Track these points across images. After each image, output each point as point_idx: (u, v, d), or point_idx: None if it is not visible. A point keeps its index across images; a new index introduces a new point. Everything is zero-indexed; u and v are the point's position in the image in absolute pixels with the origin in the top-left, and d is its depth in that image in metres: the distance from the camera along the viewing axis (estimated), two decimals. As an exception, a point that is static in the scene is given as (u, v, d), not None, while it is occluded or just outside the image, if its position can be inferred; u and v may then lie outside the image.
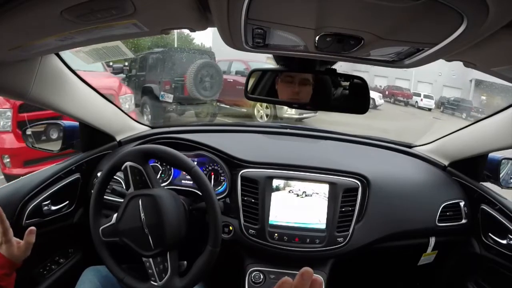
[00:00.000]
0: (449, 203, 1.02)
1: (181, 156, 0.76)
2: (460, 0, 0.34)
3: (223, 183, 0.99)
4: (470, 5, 0.34)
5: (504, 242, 0.95)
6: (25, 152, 2.31)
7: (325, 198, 0.94)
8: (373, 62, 0.61)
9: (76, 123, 1.07)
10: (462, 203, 1.03)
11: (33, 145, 1.08)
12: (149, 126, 1.29)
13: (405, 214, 0.99)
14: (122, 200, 0.76)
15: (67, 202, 1.01)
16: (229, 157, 1.00)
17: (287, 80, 0.83)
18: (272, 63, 0.87)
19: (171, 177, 1.02)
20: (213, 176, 1.00)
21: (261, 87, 0.87)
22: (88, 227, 0.79)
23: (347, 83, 0.80)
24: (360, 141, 1.25)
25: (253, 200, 0.93)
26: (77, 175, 1.03)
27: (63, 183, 0.98)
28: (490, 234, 1.00)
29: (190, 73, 5.04)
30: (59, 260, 1.05)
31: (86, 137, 1.09)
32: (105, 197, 0.83)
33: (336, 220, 0.92)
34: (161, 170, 1.03)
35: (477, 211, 1.04)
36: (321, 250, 0.91)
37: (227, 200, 0.98)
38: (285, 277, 0.37)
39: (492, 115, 0.98)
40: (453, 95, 11.86)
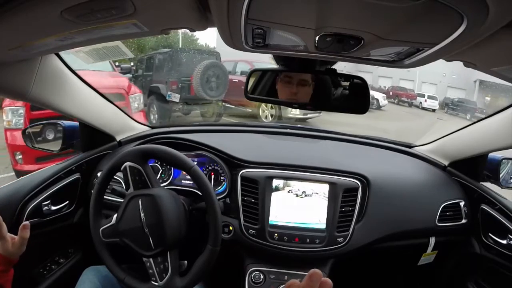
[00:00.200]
0: (449, 203, 1.02)
1: (180, 156, 0.76)
2: (460, 0, 0.34)
3: (223, 183, 0.99)
4: (470, 5, 0.34)
5: (504, 242, 0.95)
6: (37, 149, 2.33)
7: (325, 198, 0.94)
8: (373, 62, 0.61)
9: (76, 123, 1.07)
10: (462, 203, 1.03)
11: (33, 145, 1.08)
12: (149, 126, 1.29)
13: (405, 214, 0.99)
14: (122, 200, 0.76)
15: (67, 202, 1.01)
16: (229, 157, 1.00)
17: (286, 80, 0.83)
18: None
19: (171, 177, 1.02)
20: (213, 176, 1.00)
21: (261, 87, 0.87)
22: (88, 227, 0.79)
23: (347, 83, 0.80)
24: (360, 141, 1.25)
25: (253, 200, 0.93)
26: (77, 175, 1.03)
27: (63, 183, 0.98)
28: (490, 234, 1.00)
29: (197, 74, 5.10)
30: (59, 260, 1.05)
31: (86, 137, 1.09)
32: (105, 197, 0.83)
33: (336, 220, 0.92)
34: (161, 170, 1.03)
35: (477, 211, 1.04)
36: (321, 250, 0.91)
37: (227, 200, 0.98)
38: (293, 279, 0.36)
39: (492, 115, 0.98)
40: (457, 96, 11.81)
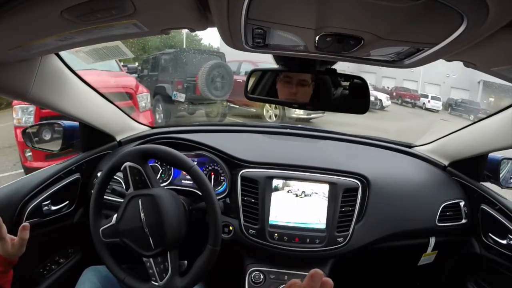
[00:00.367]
0: (449, 203, 1.02)
1: (180, 156, 0.76)
2: (460, 0, 0.34)
3: (223, 183, 0.99)
4: (470, 5, 0.34)
5: (504, 242, 0.95)
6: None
7: (325, 198, 0.94)
8: (373, 62, 0.60)
9: (76, 123, 1.07)
10: (462, 203, 1.03)
11: (33, 145, 1.07)
12: (149, 126, 1.29)
13: (405, 214, 0.99)
14: (122, 200, 0.76)
15: (67, 202, 1.01)
16: (229, 157, 1.00)
17: (285, 80, 0.83)
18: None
19: (171, 177, 1.02)
20: (213, 176, 1.00)
21: (261, 87, 0.87)
22: (88, 227, 0.79)
23: (347, 83, 0.80)
24: (360, 141, 1.25)
25: (253, 200, 0.93)
26: (77, 175, 1.03)
27: (63, 183, 0.98)
28: (490, 234, 1.00)
29: (202, 74, 5.18)
30: (59, 260, 1.05)
31: (86, 137, 1.09)
32: (105, 197, 0.83)
33: (336, 220, 0.92)
34: (161, 170, 1.03)
35: (477, 211, 1.04)
36: (321, 250, 0.91)
37: (227, 200, 0.97)
38: (294, 279, 0.36)
39: (492, 115, 0.98)
40: (461, 96, 11.78)
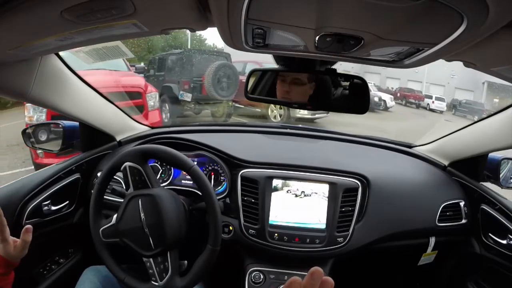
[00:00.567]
0: (449, 203, 1.02)
1: (180, 156, 0.76)
2: (460, 0, 0.34)
3: (223, 183, 0.99)
4: (470, 5, 0.34)
5: (504, 242, 0.95)
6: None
7: (325, 198, 0.94)
8: (373, 62, 0.60)
9: (76, 123, 1.07)
10: (462, 203, 1.03)
11: (33, 145, 1.07)
12: (149, 126, 1.29)
13: (405, 214, 0.99)
14: (122, 200, 0.76)
15: (67, 202, 1.01)
16: (229, 157, 1.00)
17: (280, 78, 0.83)
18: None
19: (171, 177, 1.02)
20: (213, 176, 1.00)
21: (261, 87, 0.87)
22: (88, 227, 0.79)
23: (347, 83, 0.80)
24: (360, 141, 1.25)
25: (253, 200, 0.93)
26: (77, 175, 1.03)
27: (63, 183, 0.98)
28: (490, 234, 1.00)
29: (208, 74, 5.26)
30: (59, 260, 1.05)
31: (86, 137, 1.09)
32: (105, 197, 0.83)
33: (336, 220, 0.92)
34: (161, 170, 1.03)
35: (477, 211, 1.03)
36: (321, 250, 0.91)
37: (227, 200, 0.97)
38: (294, 276, 0.36)
39: (492, 115, 0.98)
40: (465, 97, 11.78)
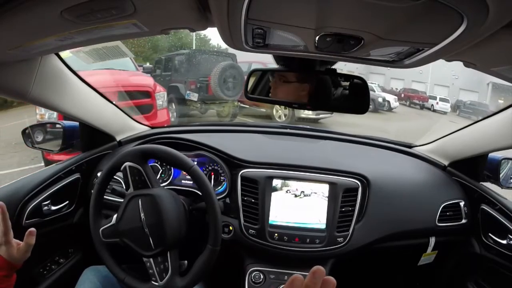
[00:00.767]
0: (449, 203, 1.02)
1: (180, 156, 0.76)
2: (460, 0, 0.34)
3: (223, 183, 0.99)
4: (470, 5, 0.34)
5: (504, 242, 0.95)
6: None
7: (325, 198, 0.94)
8: (373, 62, 0.60)
9: (76, 123, 1.07)
10: (462, 203, 1.03)
11: (33, 145, 1.07)
12: (149, 126, 1.29)
13: (405, 214, 0.99)
14: (122, 200, 0.76)
15: (67, 202, 1.01)
16: (229, 157, 1.00)
17: (272, 79, 0.83)
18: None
19: (171, 177, 1.02)
20: (213, 176, 1.00)
21: (261, 87, 0.87)
22: (88, 227, 0.79)
23: (347, 83, 0.80)
24: (360, 141, 1.25)
25: (253, 200, 0.93)
26: (77, 175, 1.03)
27: (63, 183, 0.98)
28: (490, 234, 1.00)
29: (215, 74, 5.34)
30: (59, 260, 1.05)
31: (86, 137, 1.09)
32: (105, 197, 0.83)
33: (336, 220, 0.92)
34: (161, 170, 1.03)
35: (477, 211, 1.03)
36: (321, 250, 0.91)
37: (227, 200, 0.97)
38: (296, 274, 0.37)
39: (492, 115, 0.98)
40: (470, 98, 11.76)
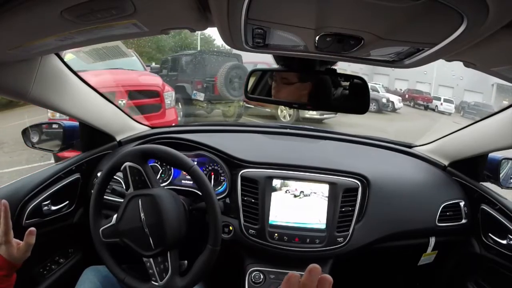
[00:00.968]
0: (449, 203, 1.02)
1: (180, 156, 0.76)
2: (460, 0, 0.34)
3: (223, 183, 0.99)
4: (470, 5, 0.34)
5: (504, 242, 0.95)
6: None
7: (325, 198, 0.94)
8: (373, 62, 0.60)
9: (76, 123, 1.07)
10: (462, 203, 1.03)
11: (33, 145, 1.07)
12: (149, 126, 1.29)
13: (405, 214, 0.99)
14: (122, 200, 0.76)
15: (67, 202, 1.01)
16: (229, 157, 1.00)
17: (273, 79, 0.84)
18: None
19: (171, 177, 1.02)
20: (213, 176, 1.00)
21: (261, 87, 0.87)
22: (88, 227, 0.79)
23: (347, 83, 0.80)
24: (360, 141, 1.25)
25: (253, 200, 0.93)
26: (77, 175, 1.03)
27: (63, 183, 0.98)
28: (490, 234, 1.00)
29: (221, 74, 5.44)
30: (59, 260, 1.05)
31: (86, 137, 1.09)
32: (105, 197, 0.83)
33: (336, 220, 0.92)
34: (161, 170, 1.03)
35: (477, 211, 1.03)
36: (321, 250, 0.91)
37: (227, 200, 0.98)
38: (292, 272, 0.37)
39: (492, 115, 0.98)
40: (474, 99, 11.74)
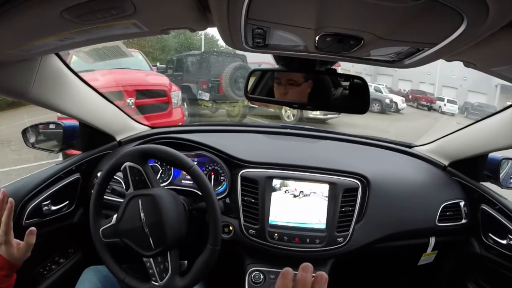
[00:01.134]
0: (449, 203, 1.02)
1: (180, 156, 0.75)
2: (460, 0, 0.34)
3: (223, 183, 0.99)
4: (470, 5, 0.34)
5: (504, 242, 0.95)
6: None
7: (325, 198, 0.94)
8: (373, 62, 0.61)
9: (76, 123, 1.07)
10: (462, 203, 1.03)
11: (33, 145, 1.08)
12: (149, 126, 1.29)
13: (405, 214, 0.99)
14: (122, 200, 0.76)
15: (67, 202, 1.01)
16: (229, 157, 1.00)
17: (276, 81, 0.84)
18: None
19: (171, 177, 1.02)
20: (213, 176, 1.00)
21: (261, 87, 0.87)
22: (88, 227, 0.79)
23: (347, 83, 0.80)
24: (360, 141, 1.25)
25: (253, 200, 0.93)
26: (77, 175, 1.03)
27: (63, 183, 0.98)
28: (490, 234, 1.00)
29: (226, 74, 5.52)
30: (59, 260, 1.05)
31: (86, 137, 1.09)
32: (105, 197, 0.83)
33: (336, 220, 0.92)
34: (161, 170, 1.03)
35: (477, 211, 1.03)
36: (321, 250, 0.91)
37: (227, 200, 0.97)
38: (286, 268, 0.37)
39: (492, 115, 0.98)
40: (478, 100, 11.73)
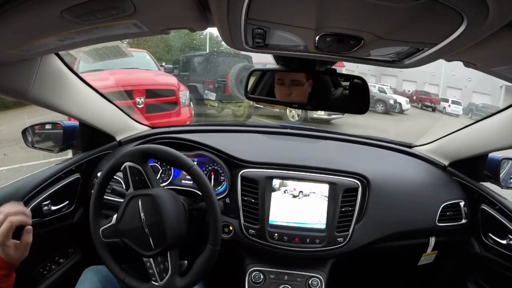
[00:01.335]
0: (449, 203, 1.02)
1: (180, 156, 0.75)
2: (460, 0, 0.34)
3: (223, 183, 0.99)
4: (470, 5, 0.34)
5: (504, 242, 0.95)
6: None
7: (325, 198, 0.94)
8: (373, 62, 0.61)
9: (76, 123, 1.07)
10: (462, 203, 1.03)
11: (33, 145, 1.08)
12: (149, 126, 1.29)
13: (405, 214, 0.99)
14: (122, 200, 0.76)
15: (67, 202, 1.01)
16: (229, 157, 1.00)
17: (279, 82, 0.84)
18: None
19: (171, 177, 1.02)
20: (213, 176, 1.00)
21: (261, 87, 0.87)
22: (88, 227, 0.79)
23: (347, 83, 0.80)
24: (360, 141, 1.25)
25: (253, 200, 0.93)
26: (77, 175, 1.03)
27: (63, 183, 0.98)
28: (490, 234, 1.00)
29: (232, 75, 5.62)
30: (59, 260, 1.05)
31: (86, 137, 1.09)
32: (105, 197, 0.83)
33: (336, 220, 0.92)
34: (161, 170, 1.03)
35: (477, 211, 1.03)
36: (321, 250, 0.91)
37: (227, 200, 0.97)
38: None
39: (492, 115, 0.98)
40: (483, 101, 11.66)
